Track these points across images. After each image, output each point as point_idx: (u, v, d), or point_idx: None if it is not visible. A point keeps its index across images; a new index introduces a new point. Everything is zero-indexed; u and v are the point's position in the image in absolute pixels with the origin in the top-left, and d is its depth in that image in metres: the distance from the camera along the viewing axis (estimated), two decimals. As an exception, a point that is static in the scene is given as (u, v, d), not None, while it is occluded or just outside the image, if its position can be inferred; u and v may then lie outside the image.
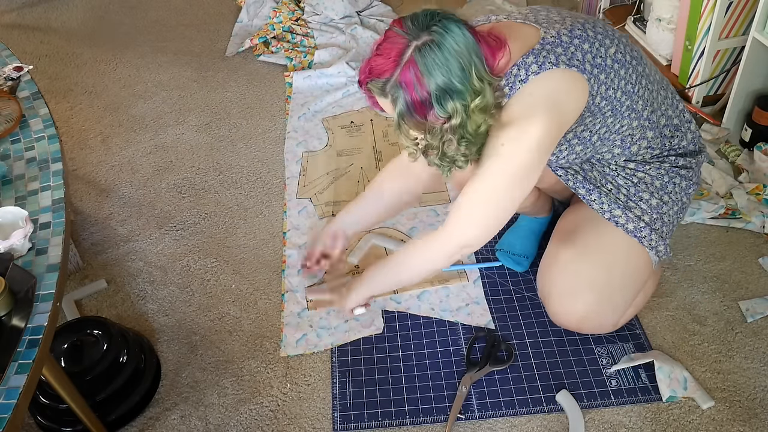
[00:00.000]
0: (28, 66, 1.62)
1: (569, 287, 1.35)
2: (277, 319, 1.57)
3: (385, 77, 1.08)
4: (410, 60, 1.05)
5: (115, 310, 1.62)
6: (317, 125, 2.17)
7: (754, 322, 1.48)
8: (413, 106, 1.07)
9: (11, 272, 1.08)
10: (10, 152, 1.39)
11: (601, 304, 1.34)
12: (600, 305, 1.34)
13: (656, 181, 1.35)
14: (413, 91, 1.06)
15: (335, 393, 1.41)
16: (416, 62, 1.04)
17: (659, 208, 1.35)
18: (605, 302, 1.35)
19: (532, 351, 1.45)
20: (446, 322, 1.53)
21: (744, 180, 1.82)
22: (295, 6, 2.73)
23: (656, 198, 1.35)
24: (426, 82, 1.05)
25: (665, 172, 1.36)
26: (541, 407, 1.36)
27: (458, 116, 1.07)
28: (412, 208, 1.82)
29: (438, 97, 1.06)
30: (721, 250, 1.65)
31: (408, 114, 1.09)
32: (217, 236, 1.80)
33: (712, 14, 1.91)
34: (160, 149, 2.12)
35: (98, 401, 1.33)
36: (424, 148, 1.17)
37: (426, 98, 1.06)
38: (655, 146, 1.34)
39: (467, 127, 1.09)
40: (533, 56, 1.14)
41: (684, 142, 1.37)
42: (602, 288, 1.33)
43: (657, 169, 1.35)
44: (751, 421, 1.31)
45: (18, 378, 0.96)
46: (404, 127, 1.13)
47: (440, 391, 1.40)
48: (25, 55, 2.62)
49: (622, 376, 1.39)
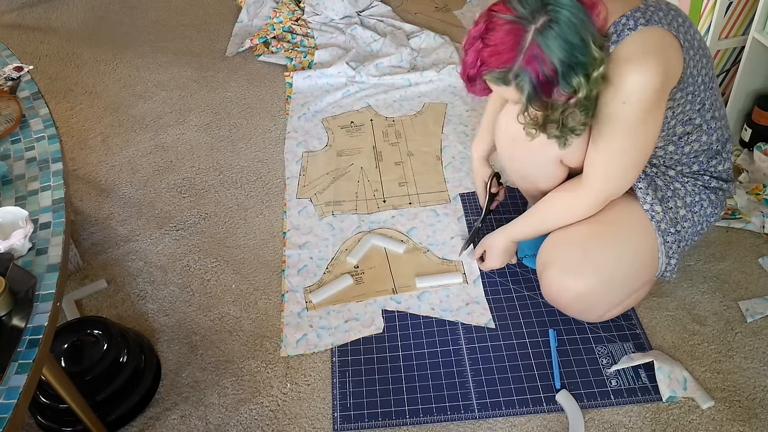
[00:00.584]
0: (28, 66, 1.62)
1: (574, 263, 1.34)
2: (277, 319, 1.57)
3: (506, 66, 1.07)
4: (532, 44, 1.05)
5: (115, 310, 1.62)
6: (317, 125, 2.17)
7: (754, 322, 1.48)
8: (540, 87, 1.08)
9: (11, 272, 1.08)
10: (10, 152, 1.39)
11: (600, 290, 1.34)
12: (599, 291, 1.34)
13: (688, 197, 1.36)
14: (539, 73, 1.06)
15: (335, 393, 1.41)
16: (539, 45, 1.04)
17: (684, 221, 1.35)
18: (604, 290, 1.35)
19: (532, 351, 1.45)
20: (446, 321, 1.53)
21: (744, 180, 1.83)
22: (295, 6, 2.73)
23: (685, 210, 1.36)
24: (551, 61, 1.05)
25: (698, 191, 1.36)
26: (541, 407, 1.36)
27: (583, 89, 1.08)
28: (412, 209, 1.83)
29: (564, 74, 1.06)
30: (721, 250, 1.65)
31: (535, 96, 1.09)
32: (217, 236, 1.80)
33: (712, 14, 1.91)
34: (160, 149, 2.12)
35: (98, 401, 1.33)
36: (543, 123, 1.17)
37: (552, 77, 1.06)
38: (701, 156, 1.35)
39: (589, 96, 1.10)
40: (640, 12, 1.16)
41: (721, 167, 1.38)
42: (606, 275, 1.33)
43: (692, 185, 1.36)
44: (751, 421, 1.31)
45: (18, 378, 0.96)
46: (530, 109, 1.13)
47: (440, 390, 1.40)
48: (25, 55, 2.62)
49: (622, 376, 1.39)
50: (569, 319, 1.50)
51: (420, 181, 1.93)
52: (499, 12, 1.07)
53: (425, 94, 2.27)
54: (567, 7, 1.04)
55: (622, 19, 1.16)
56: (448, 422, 1.35)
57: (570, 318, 1.50)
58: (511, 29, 1.05)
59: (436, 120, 2.15)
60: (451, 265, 1.66)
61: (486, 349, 1.46)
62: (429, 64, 2.41)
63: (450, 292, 1.60)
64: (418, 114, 2.19)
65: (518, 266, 1.63)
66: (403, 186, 1.92)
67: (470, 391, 1.39)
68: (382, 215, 1.82)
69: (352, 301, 1.59)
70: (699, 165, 1.36)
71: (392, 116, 2.19)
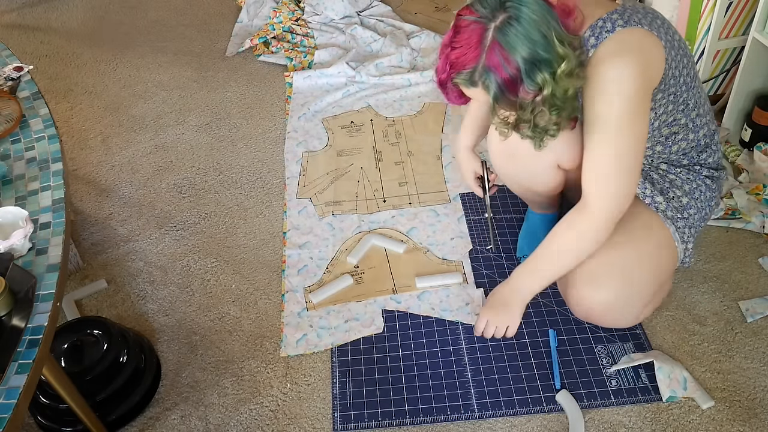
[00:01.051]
0: (28, 66, 1.62)
1: (596, 275, 1.32)
2: (277, 319, 1.57)
3: (470, 66, 1.08)
4: (492, 42, 1.05)
5: (115, 310, 1.62)
6: (317, 125, 2.17)
7: (754, 322, 1.48)
8: (505, 86, 1.08)
9: (11, 272, 1.08)
10: (10, 152, 1.39)
11: (629, 294, 1.34)
12: (627, 295, 1.34)
13: (685, 185, 1.36)
14: (502, 71, 1.06)
15: (335, 393, 1.41)
16: (499, 42, 1.05)
17: (688, 209, 1.36)
18: (632, 293, 1.34)
19: (532, 351, 1.45)
20: (446, 321, 1.53)
21: (744, 180, 1.83)
22: (295, 6, 2.73)
23: (687, 198, 1.36)
24: (513, 59, 1.05)
25: (693, 178, 1.37)
26: (541, 407, 1.36)
27: (548, 86, 1.07)
28: (412, 209, 1.83)
29: (527, 71, 1.06)
30: (721, 250, 1.65)
31: (501, 95, 1.09)
32: (217, 236, 1.80)
33: (712, 14, 1.91)
34: (160, 149, 2.12)
35: (98, 401, 1.33)
36: (515, 123, 1.16)
37: (516, 75, 1.06)
38: (690, 152, 1.36)
39: (557, 94, 1.09)
40: (618, 14, 1.16)
41: (711, 159, 1.39)
42: (631, 278, 1.32)
43: (687, 174, 1.37)
44: (751, 421, 1.31)
45: (18, 378, 0.96)
46: (498, 110, 1.13)
47: (440, 390, 1.40)
48: (25, 55, 2.62)
49: (622, 376, 1.39)
50: (569, 319, 1.50)
51: (420, 181, 1.93)
52: (464, 15, 1.08)
53: (425, 94, 2.27)
54: (527, 4, 1.04)
55: (599, 22, 1.16)
56: (448, 422, 1.35)
57: (570, 318, 1.50)
58: (474, 29, 1.07)
59: (436, 120, 2.15)
60: (451, 265, 1.66)
61: (486, 349, 1.46)
62: (429, 64, 2.41)
63: (450, 292, 1.60)
64: (418, 114, 2.19)
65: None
66: (403, 186, 1.92)
67: (470, 391, 1.39)
68: (382, 215, 1.82)
69: (352, 301, 1.59)
70: (689, 159, 1.37)
71: (392, 116, 2.19)
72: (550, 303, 1.54)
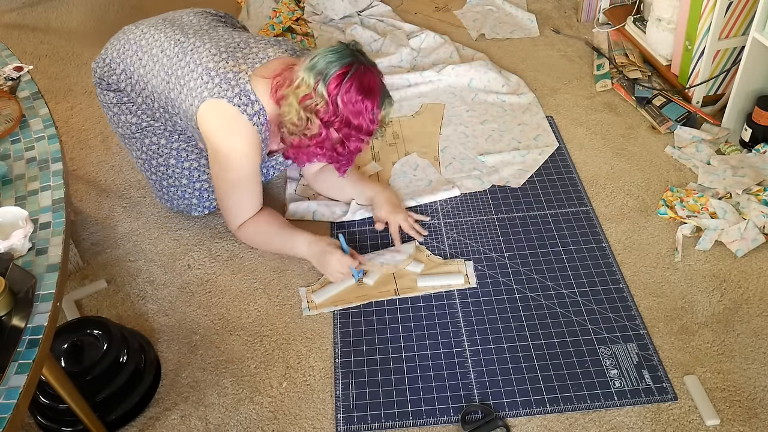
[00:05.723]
0: (28, 66, 1.62)
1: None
2: (277, 319, 1.57)
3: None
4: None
5: (115, 310, 1.62)
6: (317, 125, 2.17)
7: (753, 320, 1.48)
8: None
9: (11, 272, 1.08)
10: (10, 152, 1.39)
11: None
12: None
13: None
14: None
15: (338, 394, 1.41)
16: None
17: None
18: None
19: (535, 352, 1.45)
20: (449, 322, 1.53)
21: (710, 133, 1.82)
22: (295, 6, 2.73)
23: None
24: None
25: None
26: (541, 407, 1.36)
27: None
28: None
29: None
30: (721, 250, 1.65)
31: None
32: (217, 236, 1.80)
33: (712, 14, 1.91)
34: (160, 149, 2.12)
35: (98, 401, 1.33)
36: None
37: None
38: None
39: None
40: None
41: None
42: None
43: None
44: (751, 421, 1.31)
45: (18, 378, 0.96)
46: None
47: (443, 392, 1.39)
48: (25, 55, 2.62)
49: (625, 377, 1.39)
50: (572, 321, 1.50)
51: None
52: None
53: (424, 94, 2.27)
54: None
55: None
56: (450, 423, 1.35)
57: (574, 320, 1.50)
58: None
59: (434, 121, 2.15)
60: (453, 266, 1.66)
61: (489, 351, 1.46)
62: (429, 64, 2.41)
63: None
64: (417, 114, 2.19)
65: (520, 266, 1.63)
66: (404, 186, 1.92)
67: (473, 392, 1.39)
68: (383, 215, 1.82)
69: (354, 301, 1.59)
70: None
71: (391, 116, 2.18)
72: (553, 305, 1.54)
